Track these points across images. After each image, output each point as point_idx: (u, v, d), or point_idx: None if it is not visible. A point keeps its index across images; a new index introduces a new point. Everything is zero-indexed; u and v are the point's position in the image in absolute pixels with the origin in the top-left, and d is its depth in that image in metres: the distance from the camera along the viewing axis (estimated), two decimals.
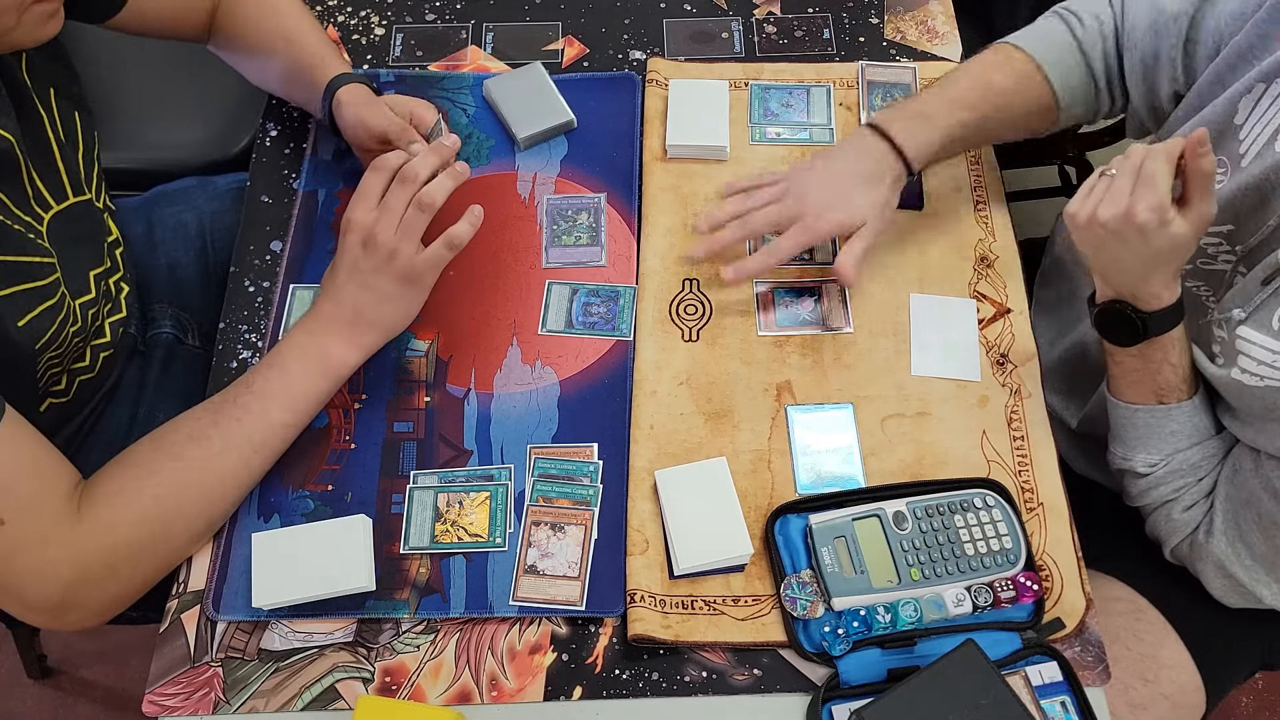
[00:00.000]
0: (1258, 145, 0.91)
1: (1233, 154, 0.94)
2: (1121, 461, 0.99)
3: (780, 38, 1.29)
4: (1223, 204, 0.93)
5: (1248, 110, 0.93)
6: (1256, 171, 0.90)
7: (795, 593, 0.92)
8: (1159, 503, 0.98)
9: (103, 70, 1.54)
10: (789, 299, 1.09)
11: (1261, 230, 0.89)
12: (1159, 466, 0.96)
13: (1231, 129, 0.94)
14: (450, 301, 1.09)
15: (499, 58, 1.28)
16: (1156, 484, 0.97)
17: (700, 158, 1.19)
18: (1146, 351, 0.93)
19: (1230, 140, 0.94)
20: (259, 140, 1.22)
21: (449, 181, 0.96)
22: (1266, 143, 0.90)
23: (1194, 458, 0.95)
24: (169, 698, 0.90)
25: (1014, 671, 0.89)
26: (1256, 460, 0.92)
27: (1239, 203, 0.92)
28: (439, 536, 0.96)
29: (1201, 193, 0.86)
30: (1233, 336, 0.89)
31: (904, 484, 0.97)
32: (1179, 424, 0.95)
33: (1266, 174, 0.89)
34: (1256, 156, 0.91)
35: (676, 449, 1.00)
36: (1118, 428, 0.99)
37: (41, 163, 0.95)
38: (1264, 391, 0.87)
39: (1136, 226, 0.86)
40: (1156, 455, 0.96)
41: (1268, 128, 0.90)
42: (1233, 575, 0.95)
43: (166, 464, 0.90)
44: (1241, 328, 0.88)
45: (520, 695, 0.90)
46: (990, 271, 1.11)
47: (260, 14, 1.13)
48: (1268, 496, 0.90)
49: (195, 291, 1.26)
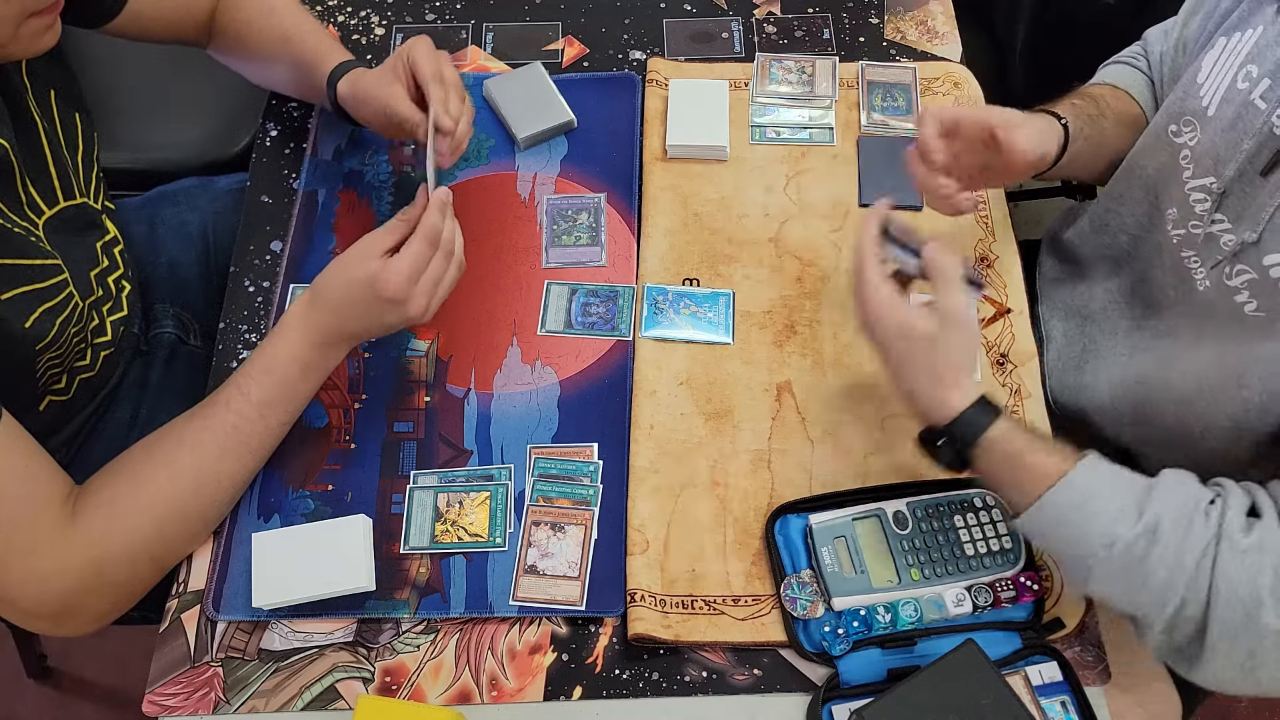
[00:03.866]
0: (1220, 92, 0.92)
1: (1196, 110, 0.95)
2: (1104, 550, 0.79)
3: (780, 38, 1.29)
4: (1203, 155, 0.94)
5: (1209, 66, 0.94)
6: (1227, 114, 0.91)
7: (795, 593, 0.92)
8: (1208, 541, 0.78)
9: (103, 70, 1.54)
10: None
11: (1237, 160, 0.89)
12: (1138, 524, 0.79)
13: (1194, 88, 0.96)
14: (450, 301, 1.08)
15: (499, 58, 1.28)
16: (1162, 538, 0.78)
17: (700, 158, 1.19)
18: (992, 460, 0.84)
19: (1193, 99, 0.96)
20: (259, 140, 1.22)
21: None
22: (1229, 85, 0.91)
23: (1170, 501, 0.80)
24: (169, 698, 0.90)
25: (1014, 671, 0.89)
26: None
27: (1217, 148, 0.92)
28: (439, 536, 0.96)
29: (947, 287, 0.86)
30: (1263, 266, 0.85)
31: (904, 484, 0.97)
32: (1098, 487, 0.81)
33: (1237, 112, 0.90)
34: (1222, 101, 0.92)
35: (677, 449, 1.00)
36: (1053, 544, 0.84)
37: (34, 168, 0.95)
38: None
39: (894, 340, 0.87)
40: (1123, 526, 0.79)
41: (1227, 74, 0.92)
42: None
43: (160, 471, 0.90)
44: (1268, 256, 0.85)
45: (520, 695, 0.90)
46: (990, 271, 1.11)
47: (256, 15, 1.13)
48: None
49: (197, 291, 1.26)
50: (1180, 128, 0.98)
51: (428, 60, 1.02)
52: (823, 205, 1.15)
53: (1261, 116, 0.88)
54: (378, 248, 0.93)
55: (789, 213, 1.15)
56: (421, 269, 0.92)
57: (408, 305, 0.92)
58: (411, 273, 0.91)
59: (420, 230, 0.92)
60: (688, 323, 1.08)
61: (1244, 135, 0.89)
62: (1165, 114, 1.00)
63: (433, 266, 0.93)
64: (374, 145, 1.21)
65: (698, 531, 0.96)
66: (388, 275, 0.90)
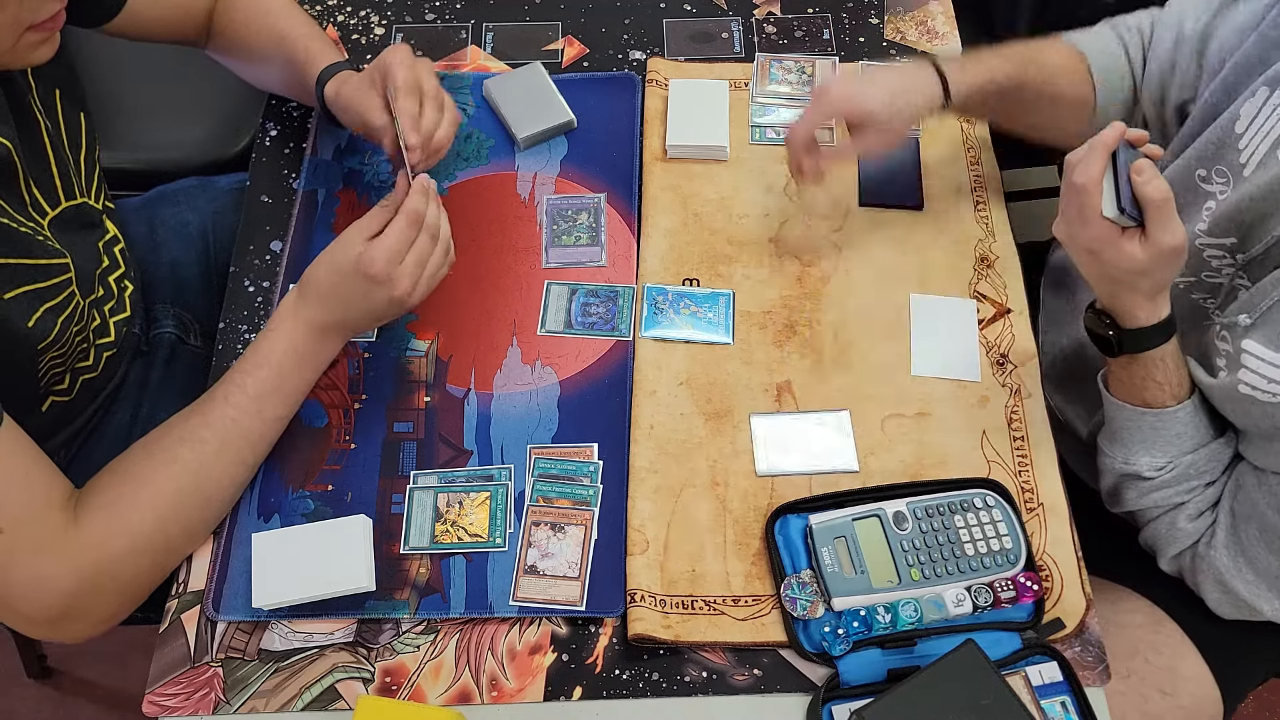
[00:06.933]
0: (1259, 154, 0.91)
1: (1233, 164, 0.93)
2: (1122, 465, 0.97)
3: (780, 38, 1.29)
4: (1226, 216, 0.92)
5: (1249, 118, 0.92)
6: (1261, 181, 0.89)
7: (795, 593, 0.92)
8: (1165, 508, 0.96)
9: (103, 70, 1.54)
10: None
11: (1265, 240, 0.89)
12: (1165, 470, 0.95)
13: (1232, 138, 0.93)
14: (450, 301, 1.09)
15: (499, 58, 1.28)
16: (1162, 486, 0.95)
17: (700, 158, 1.19)
18: (1130, 366, 0.93)
19: (1230, 151, 0.94)
20: (259, 140, 1.22)
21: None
22: (1268, 151, 0.89)
23: (1200, 462, 0.94)
24: (169, 698, 0.90)
25: (1014, 671, 0.89)
26: (1260, 476, 0.91)
27: (1243, 213, 0.91)
28: (439, 536, 0.96)
29: (1156, 220, 0.84)
30: (1238, 349, 0.88)
31: (904, 484, 0.97)
32: (1183, 425, 0.94)
33: (1271, 184, 0.88)
34: (1260, 165, 0.90)
35: (677, 449, 1.00)
36: (1120, 430, 0.97)
37: (37, 168, 0.95)
38: (1272, 408, 0.86)
39: (1082, 249, 0.87)
40: (1163, 458, 0.95)
41: (1268, 137, 0.90)
42: (1233, 590, 0.94)
43: (160, 470, 0.90)
44: (1247, 340, 0.87)
45: (520, 695, 0.90)
46: (990, 271, 1.11)
47: (253, 15, 1.14)
48: (1271, 512, 0.90)
49: (197, 291, 1.26)
50: (1211, 175, 0.96)
51: (401, 71, 1.01)
52: (823, 205, 1.15)
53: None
54: (362, 234, 0.94)
55: (789, 213, 1.15)
56: (404, 248, 0.93)
57: (393, 284, 0.93)
58: (394, 252, 0.92)
59: (403, 211, 0.93)
60: (688, 323, 1.08)
61: (1274, 210, 0.88)
62: (1197, 157, 0.97)
63: (418, 247, 0.94)
64: (374, 145, 1.20)
65: (698, 531, 0.96)
66: (371, 255, 0.92)
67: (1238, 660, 1.04)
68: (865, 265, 1.11)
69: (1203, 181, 0.97)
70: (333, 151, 1.20)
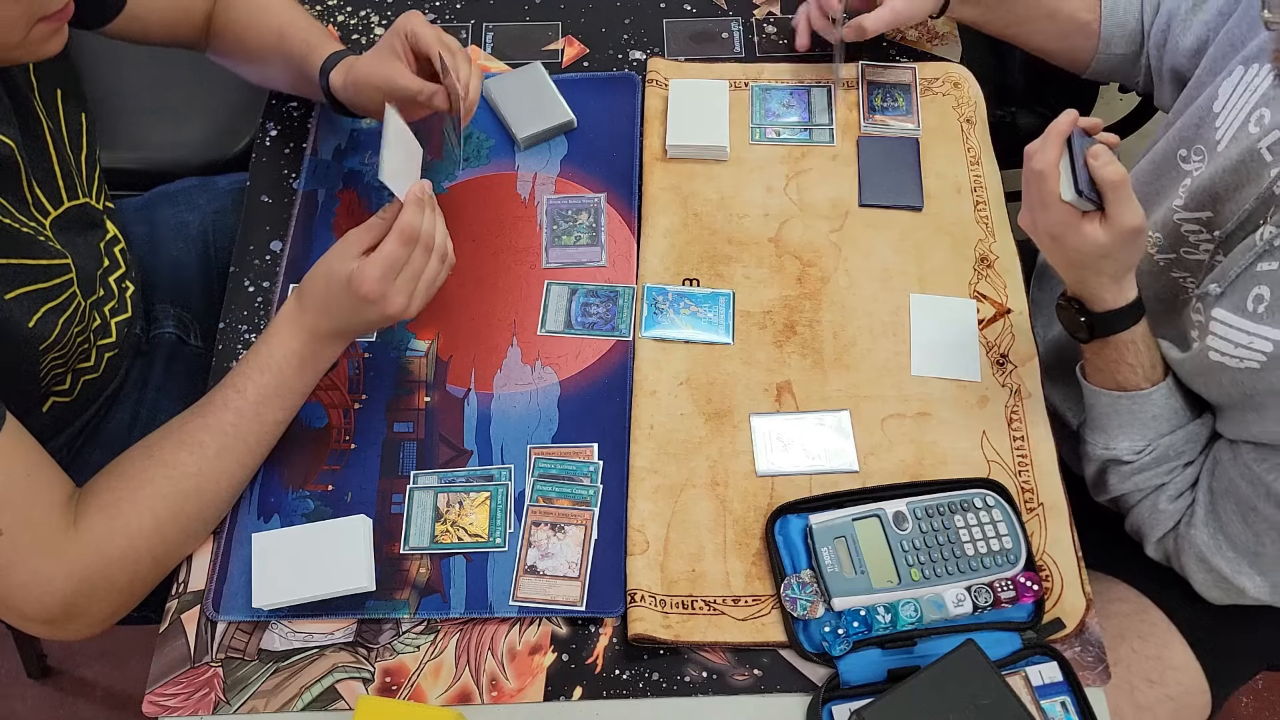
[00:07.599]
0: (1232, 129, 0.92)
1: (1209, 141, 0.95)
2: (1103, 451, 0.99)
3: (780, 38, 1.29)
4: (1201, 189, 0.94)
5: (1225, 96, 0.94)
6: (1233, 155, 0.90)
7: (795, 593, 0.92)
8: (1146, 490, 0.98)
9: (103, 70, 1.54)
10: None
11: (1239, 214, 0.90)
12: (1145, 453, 0.96)
13: (1210, 116, 0.95)
14: (450, 301, 1.09)
15: (499, 58, 1.28)
16: (1142, 469, 0.97)
17: (700, 158, 1.19)
18: (1103, 351, 0.95)
19: (1208, 129, 0.95)
20: (259, 140, 1.22)
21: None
22: (1240, 125, 0.91)
23: (1178, 443, 0.96)
24: (169, 698, 0.90)
25: (1014, 671, 0.89)
26: (1234, 450, 0.93)
27: (1216, 186, 0.92)
28: (439, 537, 0.96)
29: (1115, 202, 0.86)
30: (1208, 317, 0.89)
31: (904, 484, 0.97)
32: (1159, 408, 0.95)
33: (1242, 157, 0.90)
34: (1232, 140, 0.92)
35: (677, 449, 1.00)
36: (1099, 417, 0.99)
37: (40, 168, 0.95)
38: (1241, 374, 0.87)
39: (1045, 235, 0.89)
40: (1141, 441, 0.96)
41: (1241, 111, 0.91)
42: (1215, 568, 0.96)
43: (160, 471, 0.90)
44: (1217, 309, 0.88)
45: (520, 695, 0.90)
46: (990, 271, 1.11)
47: (251, 13, 1.14)
48: (1245, 483, 0.91)
49: (197, 292, 1.26)
50: (1190, 154, 0.97)
51: (429, 30, 1.03)
52: (823, 205, 1.15)
53: (1268, 171, 0.87)
54: (356, 246, 0.94)
55: (789, 213, 1.15)
56: (396, 268, 0.92)
57: (386, 302, 0.93)
58: (384, 273, 0.92)
59: (395, 229, 0.92)
60: (688, 323, 1.08)
61: (1245, 182, 0.89)
62: (1178, 137, 1.00)
63: (413, 262, 0.93)
64: (374, 145, 1.20)
65: (698, 531, 0.96)
66: (364, 273, 0.91)
67: (1225, 651, 1.05)
68: (865, 265, 1.11)
69: (1183, 161, 0.99)
70: (333, 151, 1.20)
